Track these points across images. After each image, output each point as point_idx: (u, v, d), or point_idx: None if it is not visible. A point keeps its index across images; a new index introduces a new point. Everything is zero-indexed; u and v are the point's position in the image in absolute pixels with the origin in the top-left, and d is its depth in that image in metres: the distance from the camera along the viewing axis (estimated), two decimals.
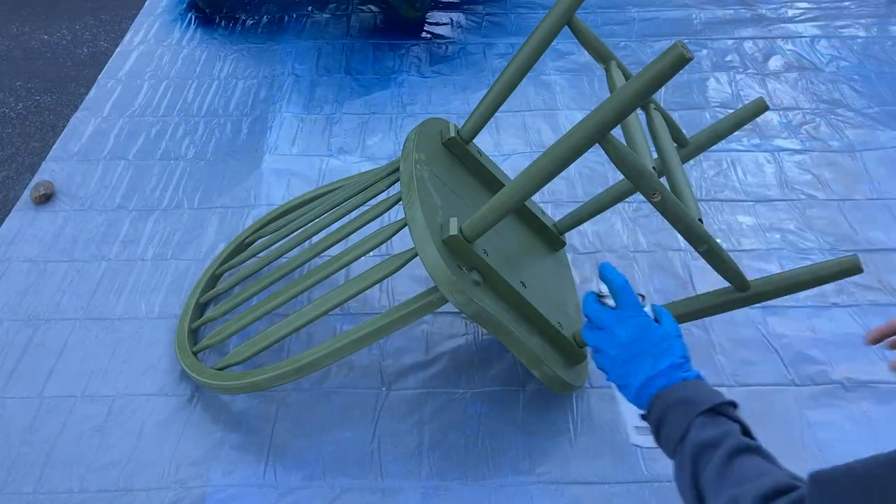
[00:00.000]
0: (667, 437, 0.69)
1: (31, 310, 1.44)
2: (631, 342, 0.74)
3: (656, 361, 0.72)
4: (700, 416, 0.66)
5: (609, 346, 0.75)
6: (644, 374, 0.72)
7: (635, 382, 0.73)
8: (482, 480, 1.16)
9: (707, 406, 0.66)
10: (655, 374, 0.71)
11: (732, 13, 2.34)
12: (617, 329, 0.75)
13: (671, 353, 0.73)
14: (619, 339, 0.74)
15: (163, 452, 1.20)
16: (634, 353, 0.73)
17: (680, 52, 0.74)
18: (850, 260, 0.99)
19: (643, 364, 0.73)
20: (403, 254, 1.10)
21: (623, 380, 0.75)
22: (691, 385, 0.70)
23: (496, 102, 1.21)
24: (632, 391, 0.74)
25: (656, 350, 0.73)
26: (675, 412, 0.68)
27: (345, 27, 2.33)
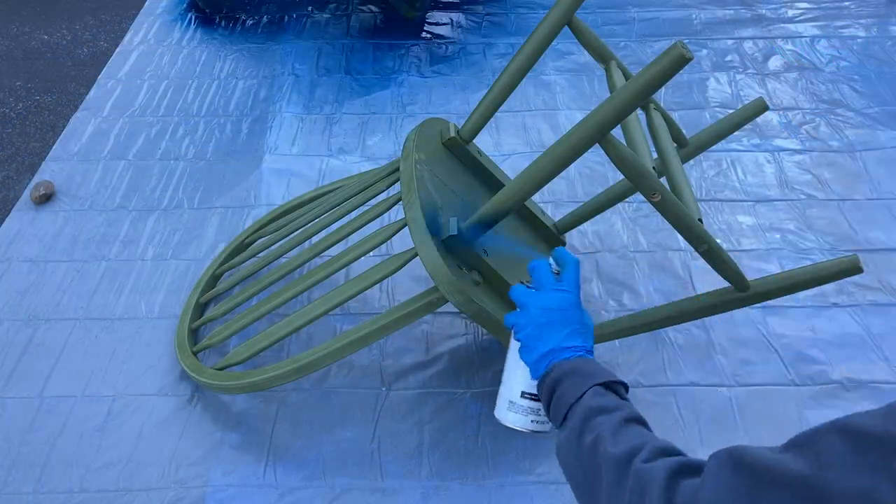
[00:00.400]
0: (559, 401, 0.71)
1: (31, 310, 1.44)
2: (556, 310, 0.78)
3: (571, 336, 0.76)
4: (596, 386, 0.70)
5: (537, 305, 0.79)
6: (554, 342, 0.76)
7: (543, 347, 0.76)
8: (482, 480, 1.16)
9: (603, 380, 0.70)
10: (565, 347, 0.76)
11: (732, 13, 2.34)
12: (552, 294, 0.79)
13: (585, 338, 0.78)
14: (549, 303, 0.79)
15: (163, 452, 1.20)
16: (555, 320, 0.77)
17: (680, 52, 0.74)
18: (850, 260, 0.99)
19: (559, 333, 0.77)
20: (403, 254, 1.10)
21: (533, 340, 0.78)
22: (591, 361, 0.75)
23: (496, 102, 1.21)
24: (535, 354, 0.77)
25: (575, 328, 0.77)
26: (572, 379, 0.72)
27: (345, 27, 2.33)
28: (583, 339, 0.77)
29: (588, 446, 0.64)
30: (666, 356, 1.34)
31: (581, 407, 0.68)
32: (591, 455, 0.63)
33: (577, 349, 0.76)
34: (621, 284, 1.48)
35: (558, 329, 0.77)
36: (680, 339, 1.37)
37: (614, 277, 1.50)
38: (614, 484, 0.58)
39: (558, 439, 0.71)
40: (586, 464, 0.64)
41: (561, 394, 0.72)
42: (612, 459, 0.60)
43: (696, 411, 1.26)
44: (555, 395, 0.73)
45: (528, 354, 0.79)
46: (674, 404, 1.27)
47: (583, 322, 0.79)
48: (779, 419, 1.24)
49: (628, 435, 0.62)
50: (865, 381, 1.29)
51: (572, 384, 0.71)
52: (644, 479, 0.55)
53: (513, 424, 0.82)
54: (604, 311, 1.43)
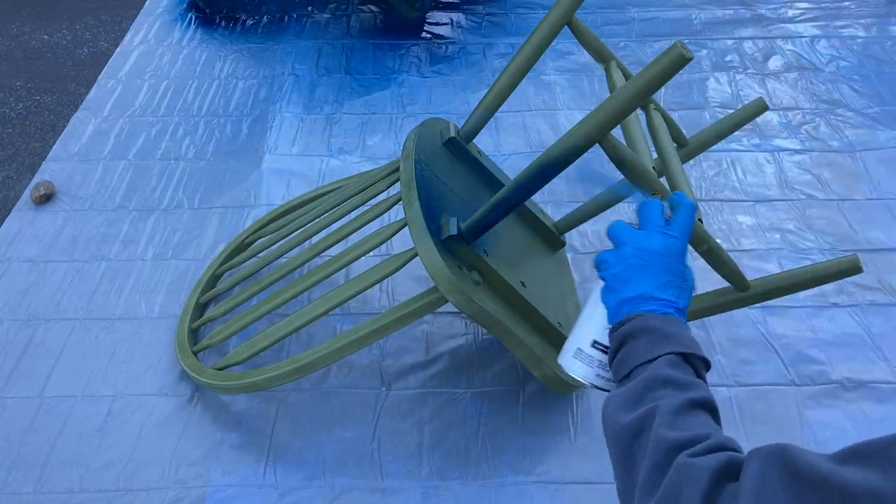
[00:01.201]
0: (626, 356, 0.63)
1: (31, 310, 1.44)
2: (656, 253, 0.68)
3: (664, 288, 0.66)
4: (673, 355, 0.61)
5: (634, 243, 0.69)
6: (643, 288, 0.66)
7: (629, 292, 0.67)
8: (482, 480, 1.16)
9: (683, 349, 0.61)
10: (653, 297, 0.65)
11: (732, 13, 2.34)
12: (653, 235, 0.69)
13: (682, 293, 0.67)
14: (649, 245, 0.68)
15: (163, 452, 1.20)
16: (651, 264, 0.67)
17: (680, 52, 0.74)
18: (849, 260, 0.99)
19: (648, 280, 0.66)
20: (403, 254, 1.10)
21: (619, 282, 0.68)
22: (679, 325, 0.64)
23: (496, 102, 1.21)
24: (618, 297, 0.68)
25: (671, 280, 0.67)
26: (649, 336, 0.62)
27: (345, 27, 2.33)
28: (676, 294, 0.66)
29: (641, 418, 0.57)
30: None
31: (649, 372, 0.60)
32: (641, 428, 0.56)
33: (667, 304, 0.65)
34: None
35: (652, 275, 0.66)
36: None
37: None
38: (656, 469, 0.52)
39: (610, 396, 0.63)
40: (633, 435, 0.57)
41: (630, 349, 0.63)
42: (662, 442, 0.53)
43: None
44: (623, 349, 0.64)
45: (610, 296, 0.69)
46: None
47: (682, 276, 0.68)
48: (779, 419, 1.24)
49: (690, 421, 0.55)
50: (865, 381, 1.30)
51: (647, 343, 0.62)
52: (687, 475, 0.49)
53: (576, 374, 0.73)
54: None
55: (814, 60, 2.12)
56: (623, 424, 0.58)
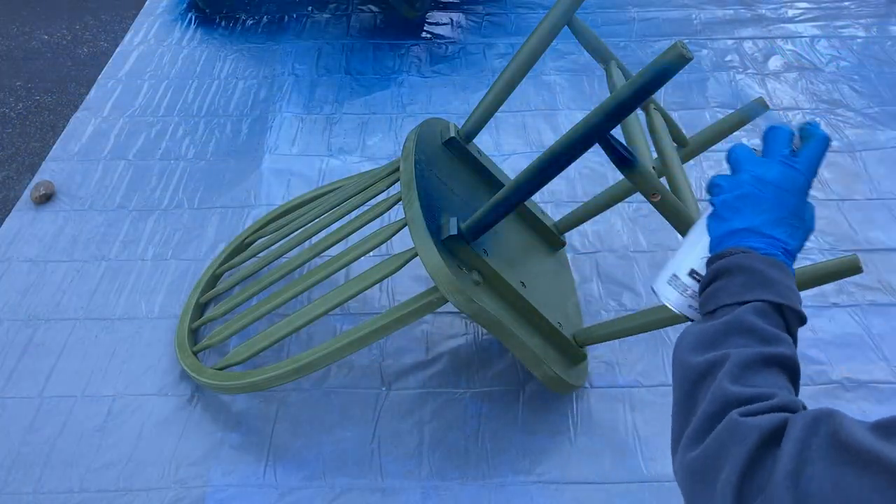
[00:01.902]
0: (714, 293, 0.59)
1: (31, 310, 1.44)
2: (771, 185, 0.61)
3: (775, 224, 0.60)
4: (765, 303, 0.56)
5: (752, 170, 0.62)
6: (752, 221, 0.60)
7: (737, 223, 0.61)
8: (482, 480, 1.16)
9: (781, 301, 0.56)
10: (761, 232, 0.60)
11: (732, 13, 2.34)
12: (775, 165, 0.62)
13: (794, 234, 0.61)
14: (767, 174, 0.62)
15: (163, 452, 1.20)
16: (765, 196, 0.61)
17: (680, 52, 0.74)
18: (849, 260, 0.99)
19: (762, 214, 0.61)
20: (403, 254, 1.10)
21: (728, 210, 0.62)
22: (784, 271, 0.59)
23: (496, 102, 1.21)
24: (724, 227, 0.62)
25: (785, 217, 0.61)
26: (743, 277, 0.58)
27: (345, 27, 2.33)
28: (789, 233, 0.60)
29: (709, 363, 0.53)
30: (666, 356, 1.34)
31: (733, 315, 0.56)
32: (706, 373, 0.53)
33: (775, 243, 0.60)
34: (621, 284, 1.48)
35: (765, 208, 0.60)
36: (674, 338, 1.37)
37: (614, 277, 1.50)
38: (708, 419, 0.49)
39: (686, 330, 0.59)
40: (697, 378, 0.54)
41: (722, 286, 0.58)
42: (721, 393, 0.50)
43: None
44: (715, 283, 0.60)
45: (717, 225, 0.63)
46: None
47: (799, 215, 0.61)
48: None
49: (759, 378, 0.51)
50: (865, 381, 1.29)
51: (741, 283, 0.57)
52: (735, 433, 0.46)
53: (667, 301, 0.68)
54: (604, 311, 1.43)
55: (814, 60, 2.12)
56: (691, 364, 0.55)
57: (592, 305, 1.44)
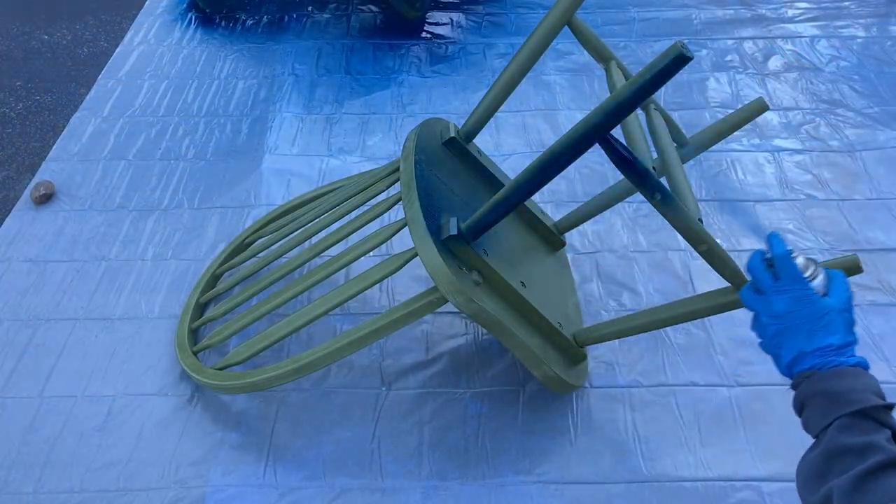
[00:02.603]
0: (807, 423, 0.65)
1: (31, 310, 1.44)
2: (785, 314, 0.68)
3: (810, 338, 0.66)
4: (845, 418, 0.60)
5: (763, 311, 0.71)
6: (795, 349, 0.67)
7: (786, 357, 0.68)
8: (482, 480, 1.16)
9: (856, 408, 0.60)
10: (808, 352, 0.66)
11: (732, 13, 2.34)
12: (773, 298, 0.70)
13: (829, 331, 0.67)
14: (773, 309, 0.70)
15: (163, 452, 1.20)
16: (787, 325, 0.68)
17: (680, 52, 0.74)
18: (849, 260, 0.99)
19: (795, 338, 0.67)
20: (403, 254, 1.10)
21: (774, 350, 0.70)
22: (846, 375, 0.64)
23: (496, 102, 1.21)
24: (781, 364, 0.69)
25: (812, 326, 0.67)
26: (819, 402, 0.63)
27: (345, 27, 2.33)
28: (825, 333, 0.66)
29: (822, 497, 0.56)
30: (666, 356, 1.34)
31: (825, 443, 0.60)
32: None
33: (823, 352, 0.66)
34: (621, 284, 1.48)
35: (794, 334, 0.67)
36: (680, 339, 1.37)
37: (614, 277, 1.50)
38: None
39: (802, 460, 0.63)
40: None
41: (808, 417, 0.64)
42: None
43: (696, 411, 1.26)
44: (804, 415, 0.65)
45: (776, 364, 0.71)
46: (674, 404, 1.27)
47: (820, 314, 0.67)
48: (779, 419, 1.24)
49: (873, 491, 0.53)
50: None
51: (819, 409, 0.62)
52: None
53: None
54: (604, 311, 1.43)
55: (814, 60, 2.12)
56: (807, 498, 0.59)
57: (592, 305, 1.44)
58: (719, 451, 1.20)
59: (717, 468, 1.17)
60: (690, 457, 1.19)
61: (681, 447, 1.20)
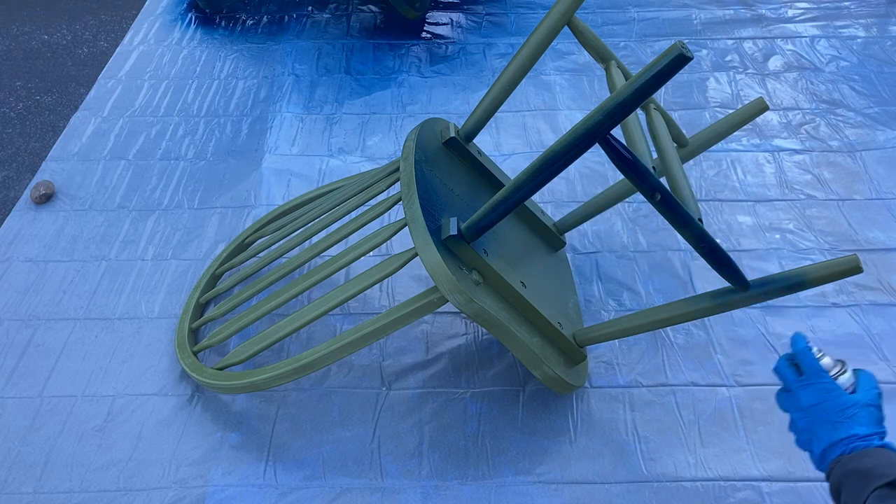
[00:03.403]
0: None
1: (31, 310, 1.44)
2: (810, 407, 0.75)
3: (835, 429, 0.72)
4: (878, 490, 0.65)
5: (793, 409, 0.78)
6: (824, 441, 0.73)
7: (816, 449, 0.74)
8: (482, 480, 1.16)
9: (886, 480, 0.65)
10: (835, 442, 0.72)
11: (732, 13, 2.34)
12: (799, 393, 0.77)
13: (854, 422, 0.72)
14: (800, 403, 0.77)
15: (163, 452, 1.20)
16: (814, 419, 0.74)
17: (680, 52, 0.74)
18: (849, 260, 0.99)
19: (822, 431, 0.73)
20: (403, 254, 1.10)
21: (806, 445, 0.76)
22: (873, 454, 0.69)
23: (496, 102, 1.21)
24: (815, 458, 0.75)
25: (837, 418, 0.73)
26: (851, 482, 0.67)
27: (345, 27, 2.33)
28: (850, 424, 0.72)
29: None
30: (666, 356, 1.34)
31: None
32: None
33: (851, 440, 0.71)
34: (621, 284, 1.48)
35: (820, 426, 0.73)
36: (680, 339, 1.37)
37: (614, 277, 1.50)
38: None
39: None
40: None
41: (846, 500, 0.68)
42: None
43: (696, 411, 1.26)
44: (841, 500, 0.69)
45: (813, 462, 0.76)
46: (674, 404, 1.27)
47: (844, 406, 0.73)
48: (779, 419, 1.24)
49: None
50: None
51: (853, 489, 0.67)
52: None
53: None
54: (604, 311, 1.43)
55: (814, 60, 2.12)
56: None
57: (592, 305, 1.44)
58: (719, 451, 1.20)
59: (717, 468, 1.17)
60: (690, 457, 1.19)
61: (681, 447, 1.20)
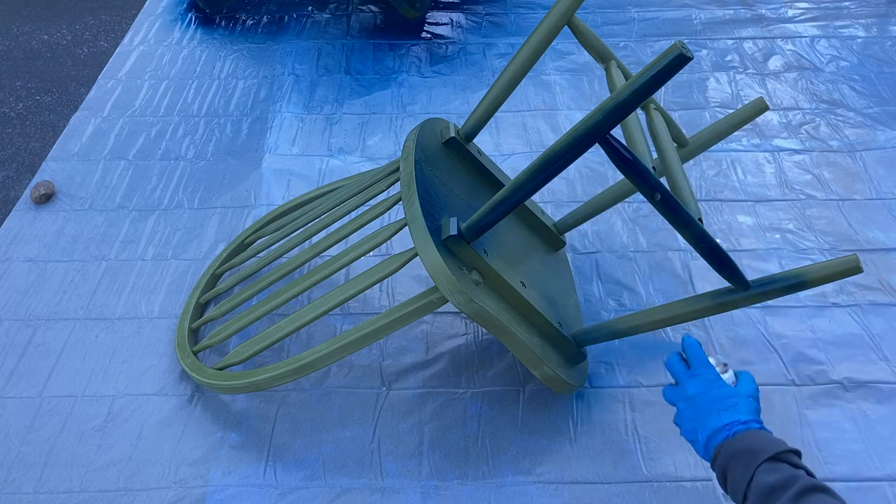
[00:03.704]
0: (734, 487, 0.70)
1: (31, 310, 1.44)
2: (696, 395, 0.79)
3: (720, 416, 0.75)
4: (764, 464, 0.67)
5: (679, 399, 0.81)
6: (709, 427, 0.75)
7: (702, 437, 0.76)
8: (482, 480, 1.16)
9: (769, 454, 0.68)
10: (719, 428, 0.74)
11: (732, 13, 2.34)
12: (686, 383, 0.81)
13: (736, 410, 0.75)
14: (687, 393, 0.80)
15: (163, 452, 1.20)
16: (700, 407, 0.78)
17: (680, 52, 0.74)
18: (849, 260, 0.99)
19: (708, 419, 0.76)
20: (403, 254, 1.10)
21: (692, 435, 0.78)
22: (754, 435, 0.72)
23: (496, 102, 1.21)
24: (700, 446, 0.77)
25: (721, 405, 0.76)
26: (738, 461, 0.70)
27: (345, 27, 2.33)
28: (733, 412, 0.75)
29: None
30: (666, 356, 1.34)
31: (754, 490, 0.67)
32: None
33: (733, 425, 0.74)
34: (621, 284, 1.48)
35: (705, 414, 0.76)
36: (680, 339, 1.37)
37: (614, 277, 1.50)
38: None
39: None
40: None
41: (733, 480, 0.70)
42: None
43: None
44: (728, 481, 0.71)
45: (696, 448, 0.78)
46: None
47: (727, 395, 0.77)
48: (779, 419, 1.24)
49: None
50: (865, 381, 1.29)
51: (739, 468, 0.69)
52: None
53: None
54: (604, 311, 1.43)
55: (814, 60, 2.12)
56: None
57: (592, 305, 1.44)
58: None
59: None
60: (690, 457, 1.19)
61: (681, 447, 1.20)
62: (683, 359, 0.87)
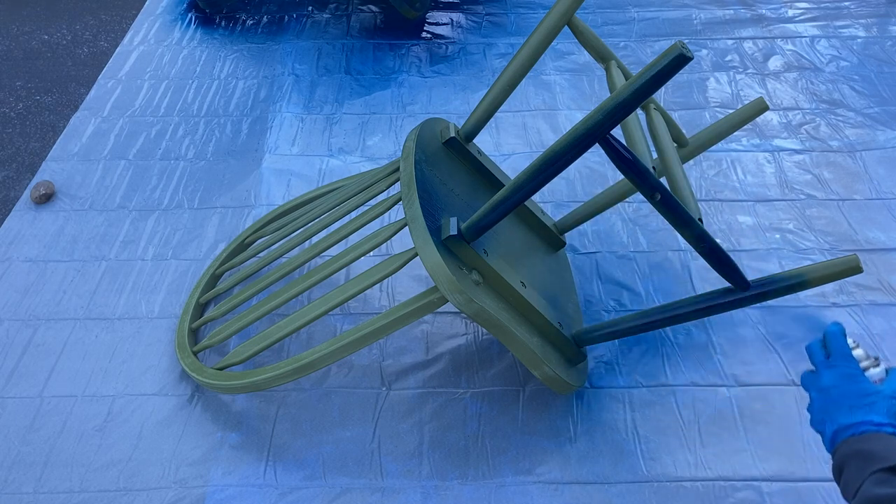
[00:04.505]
0: (845, 488, 0.68)
1: (31, 310, 1.44)
2: (829, 388, 0.75)
3: (851, 413, 0.72)
4: (878, 472, 0.65)
5: (813, 387, 0.78)
6: (837, 422, 0.73)
7: (828, 430, 0.74)
8: (482, 480, 1.16)
9: (888, 464, 0.65)
10: (848, 425, 0.71)
11: (732, 13, 2.34)
12: (822, 373, 0.77)
13: (871, 410, 0.72)
14: (821, 383, 0.77)
15: (163, 452, 1.20)
16: (832, 400, 0.74)
17: (680, 52, 0.74)
18: (849, 260, 0.99)
19: (838, 413, 0.73)
20: (403, 254, 1.10)
21: (819, 426, 0.76)
22: (881, 439, 0.69)
23: (496, 102, 1.21)
24: (825, 439, 0.74)
25: (856, 402, 0.73)
26: (853, 462, 0.68)
27: (345, 27, 2.33)
28: (867, 411, 0.72)
29: None
30: (666, 356, 1.34)
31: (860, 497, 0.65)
32: None
33: (860, 425, 0.71)
34: (621, 284, 1.48)
35: (836, 408, 0.74)
36: (680, 339, 1.37)
37: (614, 277, 1.50)
38: None
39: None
40: None
41: (845, 480, 0.68)
42: None
43: (696, 411, 1.26)
44: (842, 478, 0.70)
45: (824, 442, 0.76)
46: (674, 404, 1.27)
47: (864, 393, 0.73)
48: (779, 419, 1.24)
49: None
50: None
51: (854, 468, 0.67)
52: None
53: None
54: (604, 311, 1.43)
55: (814, 60, 2.12)
56: None
57: (592, 305, 1.44)
58: (719, 451, 1.20)
59: (717, 468, 1.17)
60: (690, 457, 1.19)
61: (681, 447, 1.20)
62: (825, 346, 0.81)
